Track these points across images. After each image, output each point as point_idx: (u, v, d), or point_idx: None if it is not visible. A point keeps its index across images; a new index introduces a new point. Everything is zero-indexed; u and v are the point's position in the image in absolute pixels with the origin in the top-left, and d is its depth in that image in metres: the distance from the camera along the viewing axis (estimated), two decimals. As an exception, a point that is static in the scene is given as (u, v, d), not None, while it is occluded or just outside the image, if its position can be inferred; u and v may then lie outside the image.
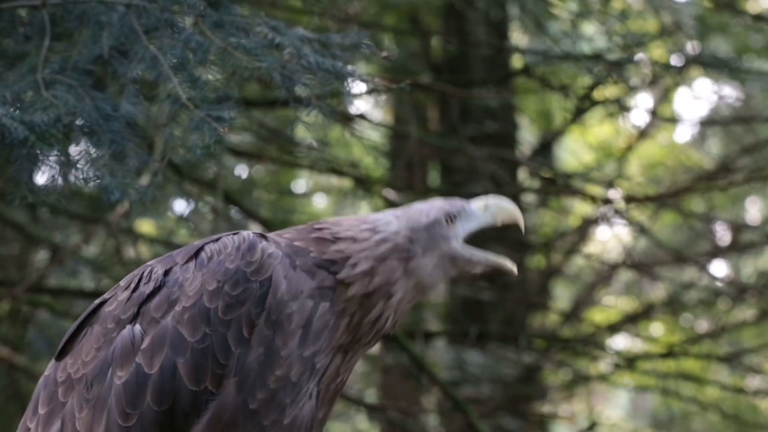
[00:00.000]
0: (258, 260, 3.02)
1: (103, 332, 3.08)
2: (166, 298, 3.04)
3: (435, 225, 3.19)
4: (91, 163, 4.20)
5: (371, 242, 3.13)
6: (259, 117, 8.81)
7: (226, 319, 2.98)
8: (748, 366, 9.93)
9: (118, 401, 3.00)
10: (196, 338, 2.98)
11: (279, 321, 3.01)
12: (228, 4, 4.35)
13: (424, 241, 3.16)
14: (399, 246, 3.13)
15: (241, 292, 3.00)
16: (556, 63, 8.61)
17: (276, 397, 3.03)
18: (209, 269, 3.03)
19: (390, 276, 3.11)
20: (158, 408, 2.98)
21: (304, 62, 4.22)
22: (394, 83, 4.84)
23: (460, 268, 3.21)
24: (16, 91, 4.14)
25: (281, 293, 3.01)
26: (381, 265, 3.11)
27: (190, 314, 3.00)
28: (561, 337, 10.03)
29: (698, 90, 11.03)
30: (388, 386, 10.58)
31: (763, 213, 13.03)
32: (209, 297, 2.99)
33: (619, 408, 15.31)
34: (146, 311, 3.04)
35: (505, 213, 3.28)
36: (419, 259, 3.14)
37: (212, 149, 4.06)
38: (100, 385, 3.03)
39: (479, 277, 3.52)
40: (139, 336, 3.03)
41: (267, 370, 3.00)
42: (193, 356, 2.97)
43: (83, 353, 3.10)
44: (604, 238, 12.56)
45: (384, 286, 3.11)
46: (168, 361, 2.98)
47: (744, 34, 9.15)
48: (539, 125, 11.37)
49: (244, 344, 2.99)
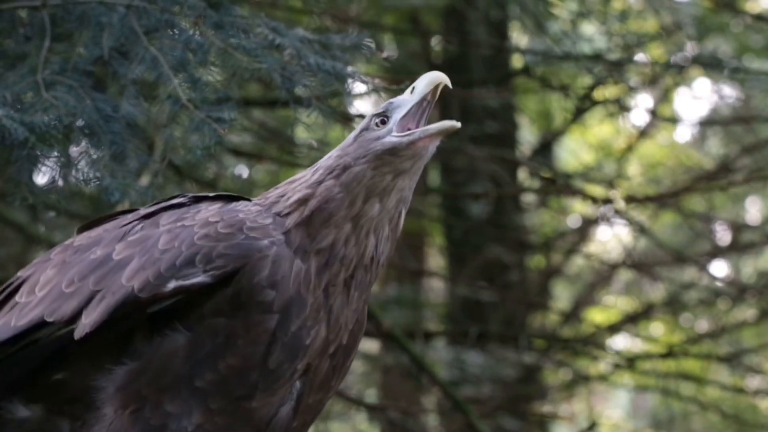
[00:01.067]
0: (262, 225, 3.02)
1: (120, 222, 3.14)
2: (180, 214, 3.06)
3: (361, 133, 3.12)
4: (91, 164, 4.21)
5: (308, 175, 3.11)
6: (259, 117, 8.81)
7: (195, 243, 2.96)
8: (748, 366, 9.94)
9: (77, 271, 3.01)
10: (164, 248, 2.96)
11: (247, 306, 2.96)
12: (228, 5, 4.35)
13: (353, 151, 3.09)
14: (330, 167, 3.08)
15: (226, 233, 2.98)
16: (556, 63, 8.61)
17: (225, 384, 2.98)
18: (225, 210, 3.04)
19: (326, 195, 3.05)
20: (92, 287, 2.96)
21: (304, 63, 4.22)
22: (394, 84, 4.84)
23: (406, 157, 3.07)
24: (16, 91, 4.14)
25: (259, 279, 2.97)
26: (315, 189, 3.06)
27: (179, 230, 3.00)
28: (561, 337, 10.04)
29: (698, 90, 11.04)
30: (388, 386, 10.58)
31: (763, 213, 13.03)
32: (202, 224, 2.99)
33: (619, 408, 15.30)
34: (158, 216, 3.08)
35: (428, 82, 3.14)
36: (351, 169, 3.06)
37: (213, 150, 4.07)
38: (81, 254, 3.06)
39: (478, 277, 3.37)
40: (136, 230, 3.06)
41: (218, 354, 2.96)
42: (147, 260, 2.95)
43: (94, 231, 3.15)
44: (604, 238, 12.57)
45: (322, 207, 3.04)
46: (129, 256, 2.98)
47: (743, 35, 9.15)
48: (539, 125, 11.37)
49: (189, 268, 2.93)
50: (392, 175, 3.08)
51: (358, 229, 3.06)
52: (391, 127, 3.11)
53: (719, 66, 8.12)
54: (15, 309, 3.06)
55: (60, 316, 2.97)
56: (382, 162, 3.07)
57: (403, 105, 3.14)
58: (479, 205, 9.63)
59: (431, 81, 3.15)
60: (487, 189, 9.31)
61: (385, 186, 3.08)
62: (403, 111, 3.12)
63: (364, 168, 3.06)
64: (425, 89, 3.14)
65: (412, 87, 3.16)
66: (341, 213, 3.05)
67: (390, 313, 8.95)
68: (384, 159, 3.07)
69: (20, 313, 3.02)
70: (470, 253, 9.50)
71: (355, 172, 3.06)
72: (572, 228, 11.34)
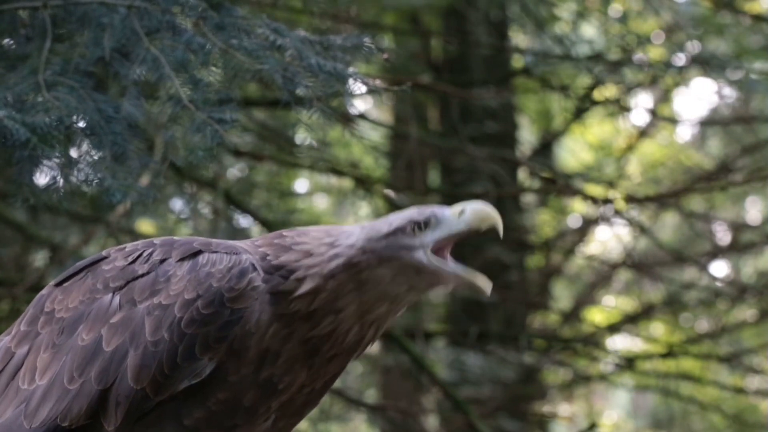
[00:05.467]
0: (241, 289, 2.96)
1: (91, 288, 3.11)
2: (151, 285, 3.03)
3: (396, 233, 2.96)
4: (92, 165, 4.21)
5: (325, 257, 2.98)
6: (260, 117, 8.81)
7: (184, 332, 2.96)
8: (748, 366, 9.95)
9: (72, 360, 3.03)
10: (154, 339, 2.97)
11: (239, 350, 2.97)
12: (229, 6, 4.35)
13: (381, 251, 2.95)
14: (350, 260, 2.95)
15: (210, 313, 2.96)
16: (556, 63, 8.62)
17: (214, 418, 3.00)
18: (196, 277, 3.01)
19: (338, 292, 2.96)
20: (96, 385, 2.99)
21: (305, 64, 4.22)
22: (395, 84, 4.84)
23: (427, 280, 2.97)
24: (17, 92, 4.14)
25: (249, 326, 2.97)
26: (329, 282, 2.96)
27: (159, 312, 2.99)
28: (561, 337, 10.04)
29: (698, 90, 11.05)
30: (388, 386, 10.58)
31: (763, 213, 13.03)
32: (181, 305, 2.98)
33: (619, 408, 15.32)
34: (131, 288, 3.05)
35: (481, 218, 2.99)
36: (373, 270, 2.95)
37: (214, 151, 4.06)
38: (68, 336, 3.07)
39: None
40: (114, 309, 3.05)
41: (209, 392, 2.98)
42: (144, 354, 2.97)
43: (71, 297, 3.13)
44: (604, 238, 12.57)
45: (330, 302, 2.96)
46: (122, 346, 2.99)
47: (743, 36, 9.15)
48: (539, 125, 11.38)
49: (192, 361, 2.96)
50: (407, 288, 2.98)
51: (363, 324, 3.01)
52: (427, 242, 2.97)
53: (719, 66, 8.12)
54: (19, 396, 3.10)
55: (73, 419, 3.02)
56: (403, 273, 2.96)
57: (446, 224, 2.98)
58: (479, 205, 9.61)
59: (482, 215, 2.99)
60: (487, 189, 9.31)
61: (396, 294, 2.99)
62: (443, 232, 2.97)
63: (385, 272, 2.96)
64: (474, 222, 2.98)
65: (462, 210, 2.99)
66: (349, 310, 2.99)
67: (390, 314, 8.94)
68: (407, 272, 2.96)
69: (28, 408, 3.07)
70: (470, 253, 9.50)
71: (376, 273, 2.96)
72: (572, 228, 11.35)
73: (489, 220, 2.99)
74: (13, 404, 3.10)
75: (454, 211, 2.99)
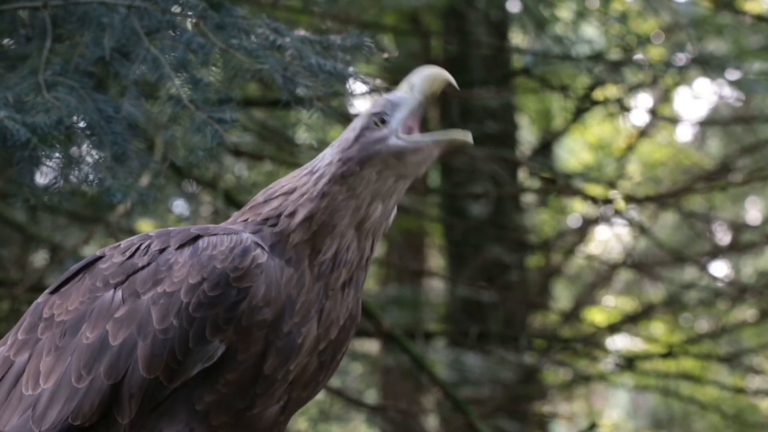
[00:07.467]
0: (245, 268, 2.98)
1: (91, 288, 3.11)
2: (153, 275, 3.04)
3: (363, 133, 3.02)
4: (92, 165, 4.21)
5: (310, 183, 3.03)
6: (260, 117, 8.81)
7: (194, 316, 2.96)
8: (748, 366, 9.95)
9: (78, 359, 3.03)
10: (162, 326, 2.97)
11: (248, 327, 2.98)
12: (229, 6, 4.34)
13: (357, 154, 3.01)
14: (334, 175, 3.00)
15: (218, 295, 2.97)
16: (556, 63, 8.62)
17: (224, 401, 3.00)
18: (198, 261, 3.01)
19: (332, 207, 3.00)
20: (106, 381, 2.98)
21: (305, 64, 4.22)
22: (395, 84, 4.83)
23: (410, 162, 3.01)
24: (17, 92, 4.14)
25: (257, 301, 2.98)
26: (322, 201, 3.00)
27: (165, 300, 2.99)
28: (561, 337, 10.04)
29: (698, 90, 11.05)
30: (388, 386, 10.59)
31: (763, 213, 13.04)
32: (187, 290, 2.98)
33: (619, 408, 15.32)
34: (132, 282, 3.05)
35: (431, 81, 3.06)
36: (357, 175, 3.00)
37: (214, 151, 4.07)
38: (72, 337, 3.07)
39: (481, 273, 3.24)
40: (118, 304, 3.04)
41: (218, 374, 2.99)
42: (154, 343, 2.97)
43: (69, 300, 3.13)
44: (604, 238, 12.57)
45: (327, 221, 3.00)
46: (130, 339, 2.99)
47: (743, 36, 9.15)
48: (539, 125, 11.38)
49: (204, 344, 2.96)
50: (395, 179, 3.04)
51: (360, 234, 3.04)
52: (394, 127, 3.04)
53: (719, 66, 8.12)
54: (23, 402, 3.09)
55: (85, 417, 3.01)
56: (386, 165, 3.02)
57: (403, 103, 3.05)
58: (479, 205, 9.63)
59: (430, 78, 3.08)
60: (487, 189, 9.31)
61: (387, 189, 3.03)
62: (404, 111, 3.05)
63: (370, 172, 3.01)
64: (426, 88, 3.07)
65: (411, 83, 3.07)
66: (346, 221, 3.02)
67: (390, 314, 8.96)
68: (389, 162, 3.02)
69: (36, 413, 3.05)
70: (470, 253, 9.50)
71: (361, 176, 3.01)
72: (572, 228, 11.35)
73: (439, 80, 3.07)
74: (18, 411, 3.09)
75: (405, 88, 3.08)
